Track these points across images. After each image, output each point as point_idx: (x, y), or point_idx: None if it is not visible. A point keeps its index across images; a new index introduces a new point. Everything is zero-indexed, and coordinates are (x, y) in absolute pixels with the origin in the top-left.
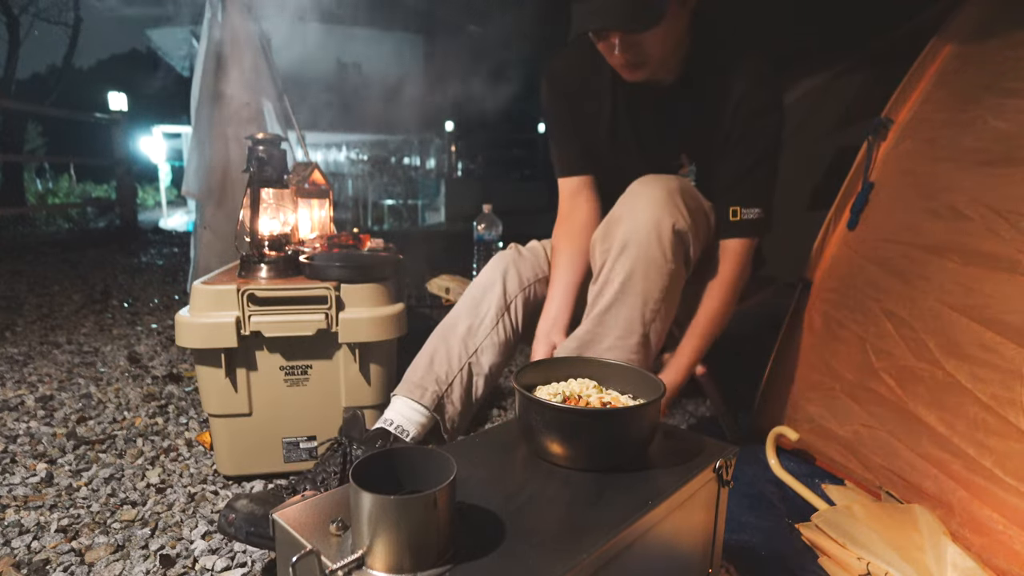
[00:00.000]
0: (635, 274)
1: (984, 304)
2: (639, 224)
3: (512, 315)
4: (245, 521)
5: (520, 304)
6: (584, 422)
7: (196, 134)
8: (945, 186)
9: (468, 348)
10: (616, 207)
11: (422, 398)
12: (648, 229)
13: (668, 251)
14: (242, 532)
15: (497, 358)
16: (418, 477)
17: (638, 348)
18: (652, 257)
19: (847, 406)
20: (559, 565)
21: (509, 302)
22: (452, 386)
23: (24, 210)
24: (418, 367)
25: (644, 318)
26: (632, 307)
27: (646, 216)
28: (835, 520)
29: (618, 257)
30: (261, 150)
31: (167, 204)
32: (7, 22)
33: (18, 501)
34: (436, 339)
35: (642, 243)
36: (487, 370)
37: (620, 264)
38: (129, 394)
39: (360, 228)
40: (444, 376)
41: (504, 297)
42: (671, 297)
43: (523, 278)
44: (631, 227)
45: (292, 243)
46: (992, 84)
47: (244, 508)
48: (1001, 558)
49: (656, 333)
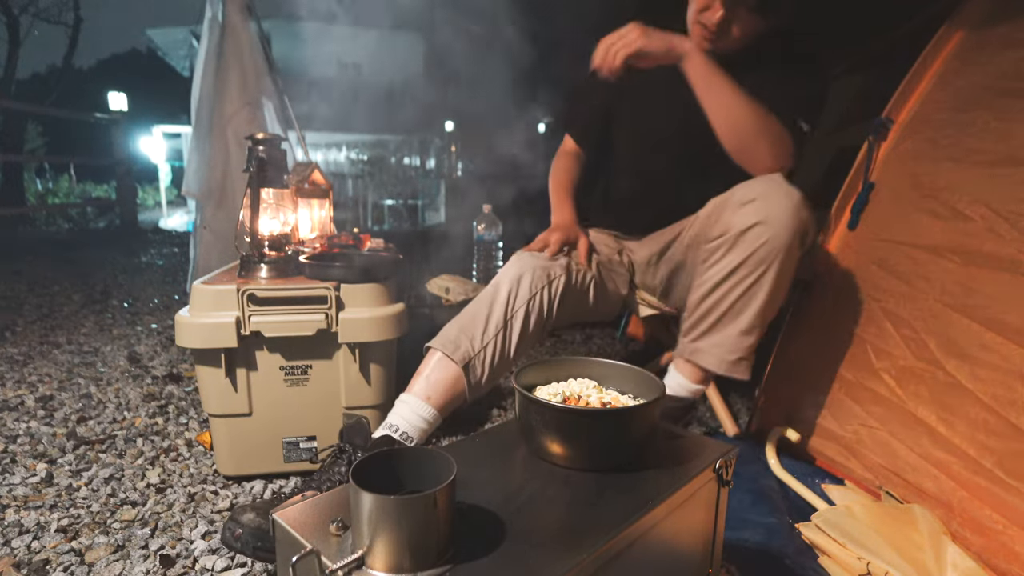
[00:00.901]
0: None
1: (985, 304)
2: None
3: (552, 290)
4: (252, 536)
5: (559, 287)
6: (584, 422)
7: (196, 134)
8: (945, 186)
9: (507, 313)
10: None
11: (454, 353)
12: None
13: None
14: (249, 547)
15: (533, 326)
16: (418, 477)
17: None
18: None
19: (847, 406)
20: (559, 565)
21: (552, 279)
22: (485, 350)
23: (24, 210)
24: (455, 323)
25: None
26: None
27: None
28: (835, 520)
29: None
30: (261, 150)
31: (167, 204)
32: (7, 22)
33: (18, 501)
34: (477, 303)
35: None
36: (519, 337)
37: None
38: (129, 394)
39: (360, 228)
40: (479, 336)
41: (547, 275)
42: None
43: (569, 262)
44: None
45: (292, 243)
46: (992, 84)
47: (251, 522)
48: (1001, 558)
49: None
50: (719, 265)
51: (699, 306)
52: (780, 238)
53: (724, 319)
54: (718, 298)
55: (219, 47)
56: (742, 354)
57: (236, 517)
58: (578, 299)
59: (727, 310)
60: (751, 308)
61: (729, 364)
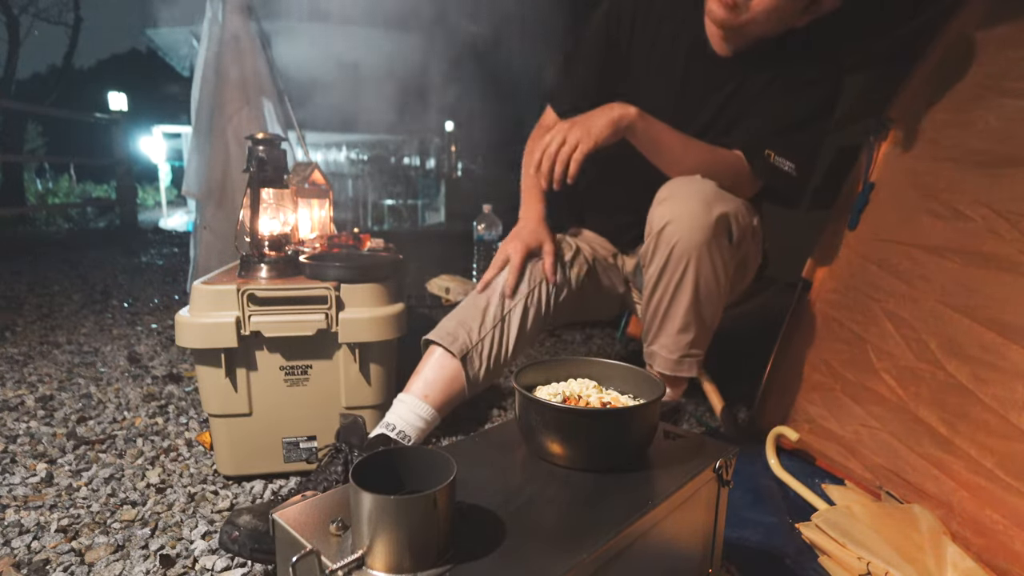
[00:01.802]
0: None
1: (985, 304)
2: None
3: (549, 286)
4: (249, 538)
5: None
6: (584, 422)
7: (196, 134)
8: (946, 186)
9: (504, 307)
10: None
11: (452, 345)
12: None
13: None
14: (246, 549)
15: (531, 321)
16: (418, 477)
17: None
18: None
19: (847, 406)
20: (559, 565)
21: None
22: (483, 342)
23: (24, 210)
24: (452, 317)
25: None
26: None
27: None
28: (835, 520)
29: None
30: (261, 150)
31: (167, 204)
32: (7, 22)
33: (18, 501)
34: (475, 296)
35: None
36: (518, 331)
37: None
38: (129, 394)
39: (360, 228)
40: (477, 328)
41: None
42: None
43: (564, 260)
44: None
45: (292, 243)
46: (992, 84)
47: (247, 524)
48: (1001, 558)
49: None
50: (651, 267)
51: (645, 311)
52: (692, 236)
53: (664, 320)
54: (656, 301)
55: (219, 47)
56: (682, 352)
57: (233, 520)
58: (575, 295)
59: (664, 311)
60: (680, 307)
61: (672, 363)
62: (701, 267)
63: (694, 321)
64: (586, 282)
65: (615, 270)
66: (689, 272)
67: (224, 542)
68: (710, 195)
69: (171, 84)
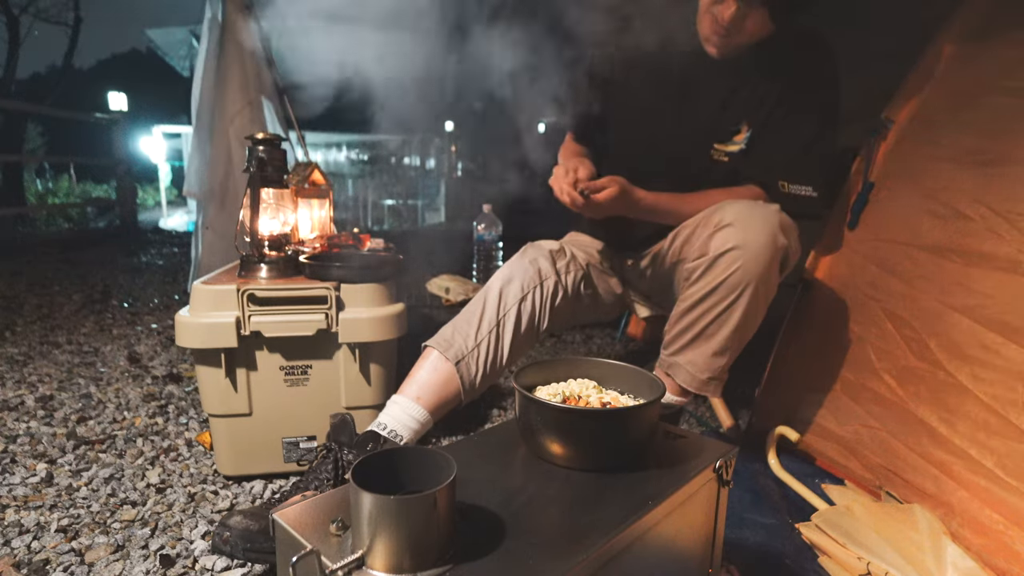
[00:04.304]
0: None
1: (985, 304)
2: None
3: (543, 291)
4: (240, 538)
5: (550, 287)
6: (584, 422)
7: (197, 134)
8: (945, 186)
9: (499, 312)
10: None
11: (447, 351)
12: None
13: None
14: (238, 549)
15: (525, 327)
16: (418, 477)
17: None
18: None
19: (847, 406)
20: (559, 565)
21: (544, 279)
22: (478, 348)
23: (24, 210)
24: (450, 325)
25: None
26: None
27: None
28: (835, 520)
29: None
30: (261, 150)
31: (167, 204)
32: (7, 22)
33: (18, 501)
34: (471, 304)
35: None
36: (512, 337)
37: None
38: (129, 394)
39: (360, 228)
40: (473, 334)
41: (539, 275)
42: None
43: (557, 267)
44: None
45: (292, 243)
46: (992, 84)
47: (238, 525)
48: (1001, 558)
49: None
50: (696, 286)
51: (678, 322)
52: (755, 265)
53: (699, 339)
54: (695, 318)
55: (219, 47)
56: (712, 374)
57: (224, 521)
58: (571, 301)
59: (701, 331)
60: (723, 331)
61: (700, 383)
62: (756, 297)
63: (732, 346)
64: (581, 287)
65: (609, 274)
66: (742, 300)
67: (216, 544)
68: (775, 225)
69: (171, 84)
